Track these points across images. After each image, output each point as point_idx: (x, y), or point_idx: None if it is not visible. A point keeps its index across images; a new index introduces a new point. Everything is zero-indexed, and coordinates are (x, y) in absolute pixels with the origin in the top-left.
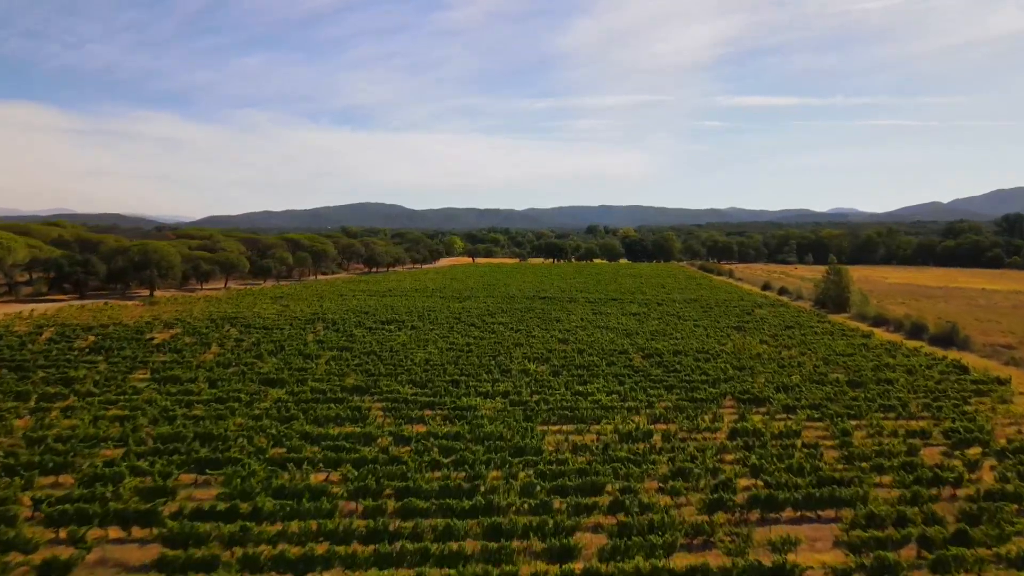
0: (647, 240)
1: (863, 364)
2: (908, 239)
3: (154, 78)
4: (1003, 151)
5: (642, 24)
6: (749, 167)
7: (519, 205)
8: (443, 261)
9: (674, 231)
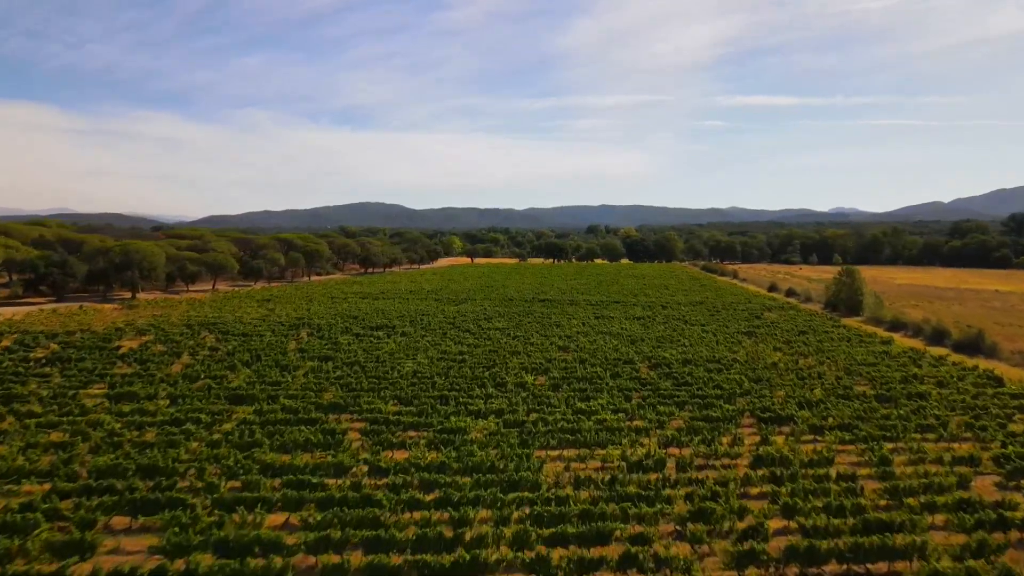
0: (649, 240)
1: (889, 375)
2: (913, 239)
3: (154, 78)
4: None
5: (642, 24)
6: (749, 167)
7: (519, 205)
8: (442, 261)
9: (676, 231)
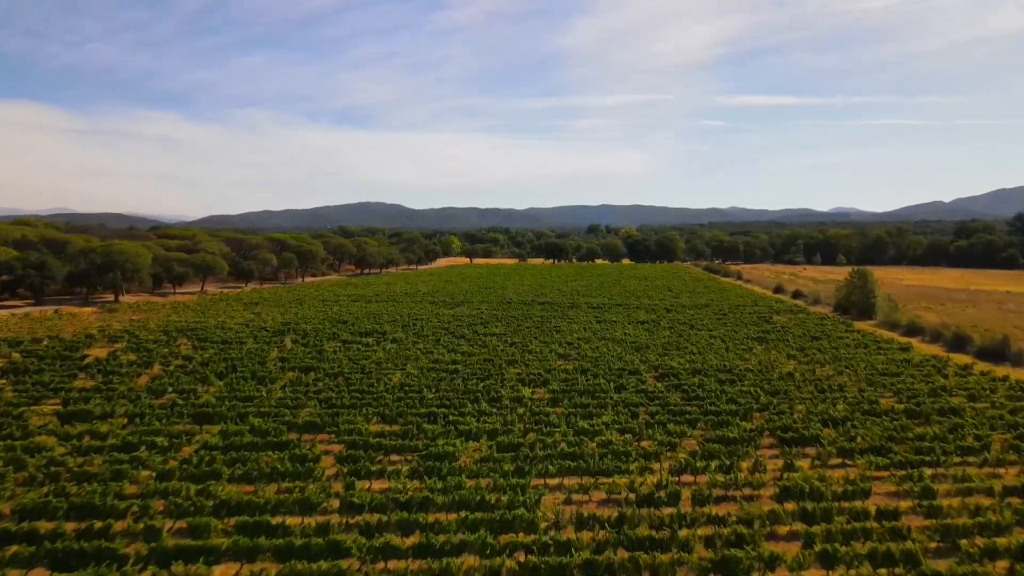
0: (650, 240)
1: (915, 387)
2: (918, 239)
3: (154, 78)
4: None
5: (642, 24)
6: (750, 167)
7: (520, 204)
8: (440, 262)
9: (677, 231)
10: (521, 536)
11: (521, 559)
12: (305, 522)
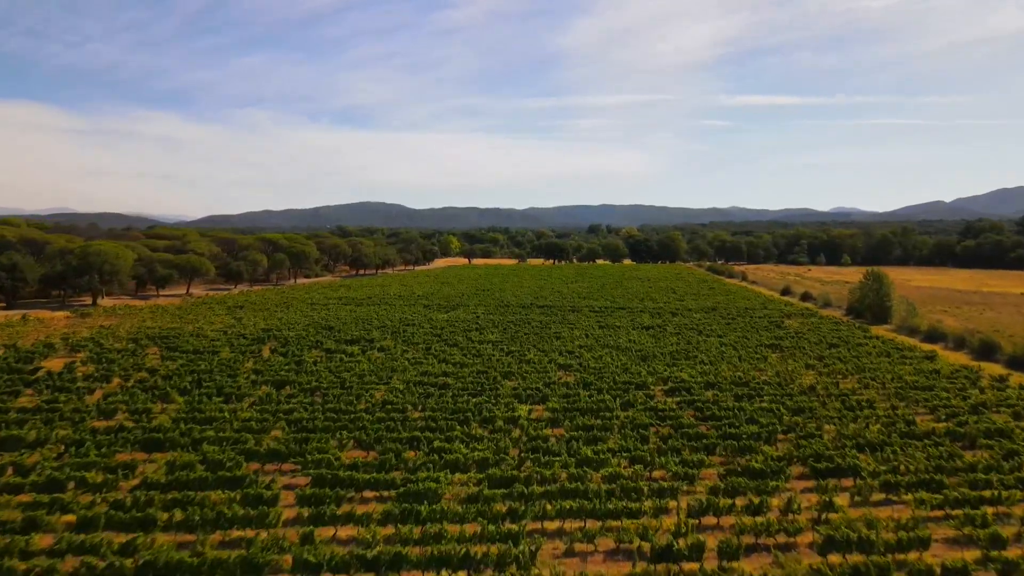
0: (652, 240)
1: (953, 403)
2: (924, 239)
3: (155, 78)
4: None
5: (642, 24)
6: (750, 166)
7: (520, 204)
8: (438, 262)
9: (679, 231)
10: None
11: None
12: None
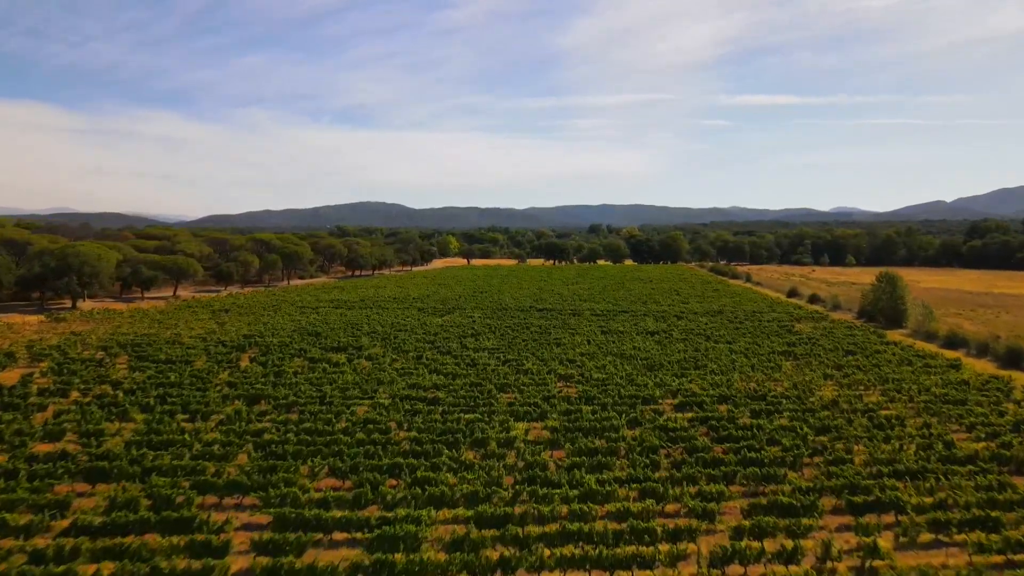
0: (653, 240)
1: (991, 420)
2: (929, 239)
3: (155, 77)
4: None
5: (642, 24)
6: (750, 166)
7: (520, 204)
8: (437, 262)
9: (680, 230)
10: None
11: None
12: None
